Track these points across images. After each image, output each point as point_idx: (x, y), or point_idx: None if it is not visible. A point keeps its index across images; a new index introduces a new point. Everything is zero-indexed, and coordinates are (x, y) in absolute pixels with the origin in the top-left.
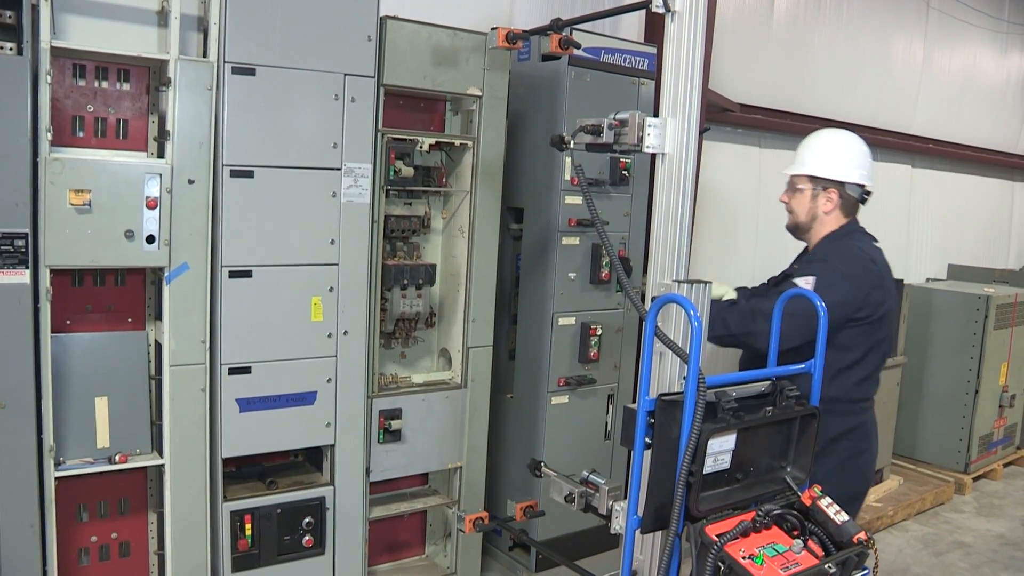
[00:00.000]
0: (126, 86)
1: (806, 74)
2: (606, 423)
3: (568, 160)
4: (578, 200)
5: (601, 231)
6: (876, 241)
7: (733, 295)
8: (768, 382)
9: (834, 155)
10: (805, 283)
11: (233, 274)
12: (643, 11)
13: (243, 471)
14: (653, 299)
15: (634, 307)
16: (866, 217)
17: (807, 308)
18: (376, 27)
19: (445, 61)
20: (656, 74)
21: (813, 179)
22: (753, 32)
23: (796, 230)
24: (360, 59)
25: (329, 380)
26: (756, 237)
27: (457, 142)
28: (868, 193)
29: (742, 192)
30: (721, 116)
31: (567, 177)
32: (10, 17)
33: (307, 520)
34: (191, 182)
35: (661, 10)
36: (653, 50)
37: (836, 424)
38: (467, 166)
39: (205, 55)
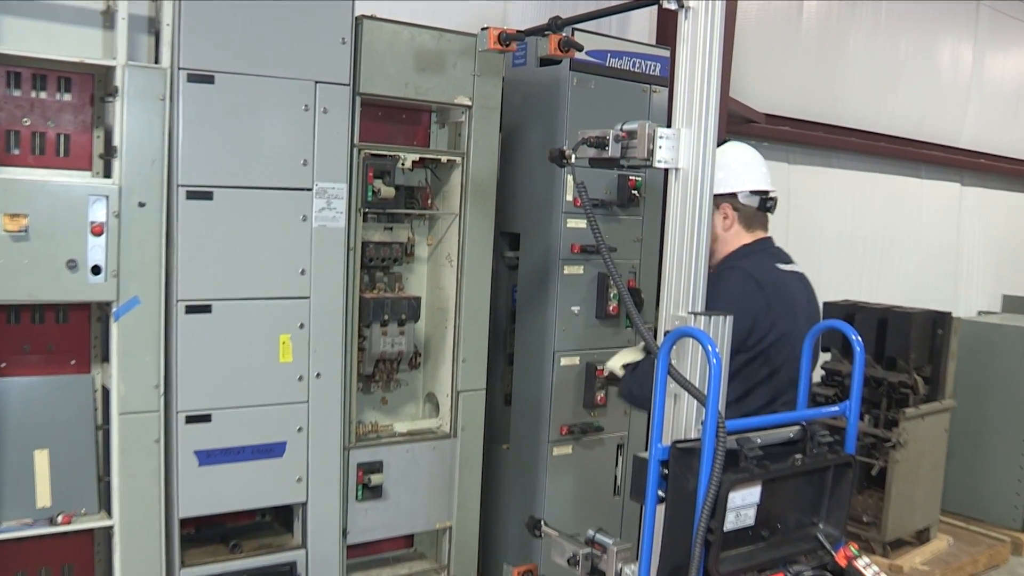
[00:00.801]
0: (67, 96)
1: (840, 80)
2: (615, 476)
3: (570, 178)
4: (581, 224)
5: (608, 259)
6: (786, 262)
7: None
8: (797, 427)
9: (731, 161)
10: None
11: (190, 309)
12: (654, 8)
13: (203, 533)
14: (666, 334)
15: (645, 344)
16: (907, 242)
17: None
18: (351, 28)
19: (430, 66)
20: (669, 80)
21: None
22: (779, 32)
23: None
24: (333, 64)
25: (300, 429)
26: None
27: (444, 158)
28: (771, 199)
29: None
30: (743, 127)
31: (569, 198)
32: None
33: None
34: (142, 205)
35: (673, 6)
36: (666, 53)
37: None
38: (455, 186)
39: (157, 61)
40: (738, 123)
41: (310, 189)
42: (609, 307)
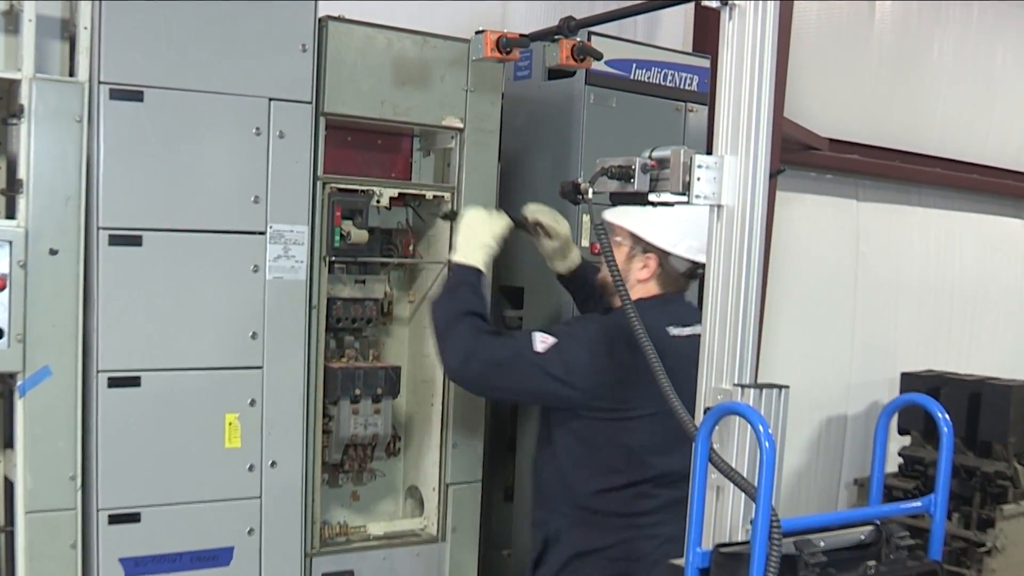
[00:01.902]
0: None
1: (921, 97)
2: None
3: (586, 218)
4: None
5: (634, 318)
6: (683, 325)
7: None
8: (870, 527)
9: (664, 216)
10: (541, 343)
11: (114, 382)
12: (689, 7)
13: None
14: (706, 411)
15: (680, 423)
16: (1005, 298)
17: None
18: (312, 32)
19: (412, 79)
20: (709, 96)
21: (635, 237)
22: (846, 38)
23: (604, 291)
24: (290, 77)
25: (251, 531)
26: (854, 323)
27: (429, 194)
28: (700, 269)
29: (833, 260)
30: (802, 155)
31: (586, 243)
32: None
33: None
34: (53, 252)
35: (715, 4)
36: (705, 63)
37: (579, 537)
38: (443, 228)
39: (73, 73)
40: (794, 150)
41: (263, 232)
42: None
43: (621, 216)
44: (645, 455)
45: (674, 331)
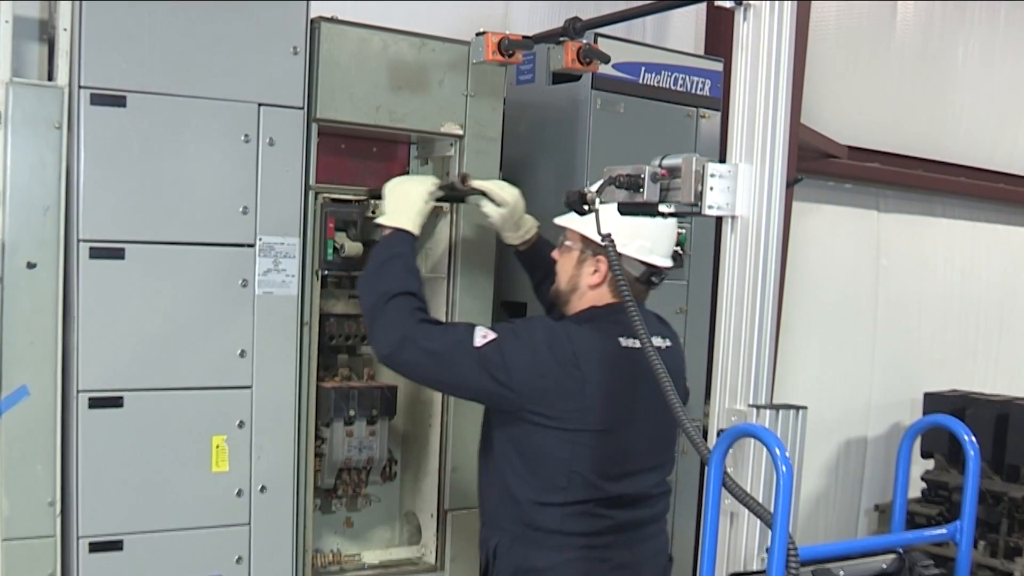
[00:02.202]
0: None
1: (945, 103)
2: None
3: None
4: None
5: (643, 335)
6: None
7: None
8: (892, 555)
9: (615, 216)
10: (482, 337)
11: (96, 402)
12: (701, 5)
13: None
14: (719, 433)
15: (692, 446)
16: None
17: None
18: (304, 34)
19: (409, 84)
20: (723, 101)
21: (585, 240)
22: (867, 40)
23: (556, 298)
24: (281, 82)
25: (239, 560)
26: (875, 340)
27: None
28: (659, 276)
29: (853, 275)
30: (820, 164)
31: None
32: None
33: None
34: (31, 266)
35: (729, 4)
36: (717, 66)
37: (520, 555)
38: (442, 240)
39: (51, 77)
40: (812, 158)
41: (252, 245)
42: None
43: (570, 219)
44: (590, 477)
45: (625, 342)
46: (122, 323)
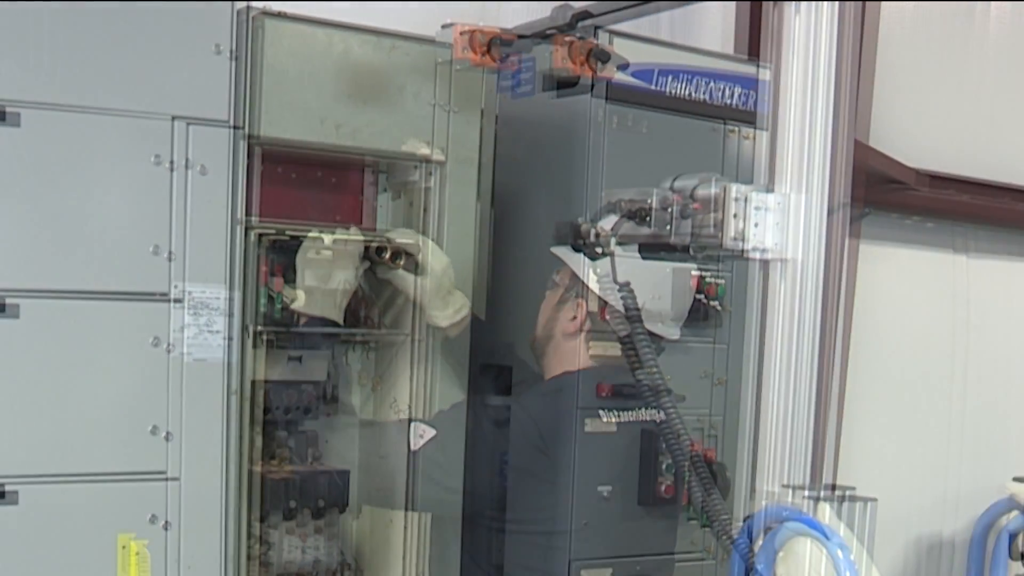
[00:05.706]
0: None
1: None
2: None
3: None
4: (616, 351)
5: (670, 407)
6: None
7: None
8: None
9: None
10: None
11: None
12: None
13: None
14: (767, 530)
15: (726, 546)
16: None
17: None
18: (231, 29)
19: (370, 94)
20: (770, 117)
21: (574, 278)
22: (947, 45)
23: (533, 351)
24: (203, 89)
25: None
26: (961, 413)
27: (393, 246)
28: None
29: (930, 331)
30: (887, 195)
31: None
32: None
33: None
34: None
35: None
36: (751, 69)
37: None
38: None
39: None
40: (879, 186)
41: (166, 295)
42: (661, 486)
43: (566, 251)
44: None
45: (590, 427)
46: (9, 393)
